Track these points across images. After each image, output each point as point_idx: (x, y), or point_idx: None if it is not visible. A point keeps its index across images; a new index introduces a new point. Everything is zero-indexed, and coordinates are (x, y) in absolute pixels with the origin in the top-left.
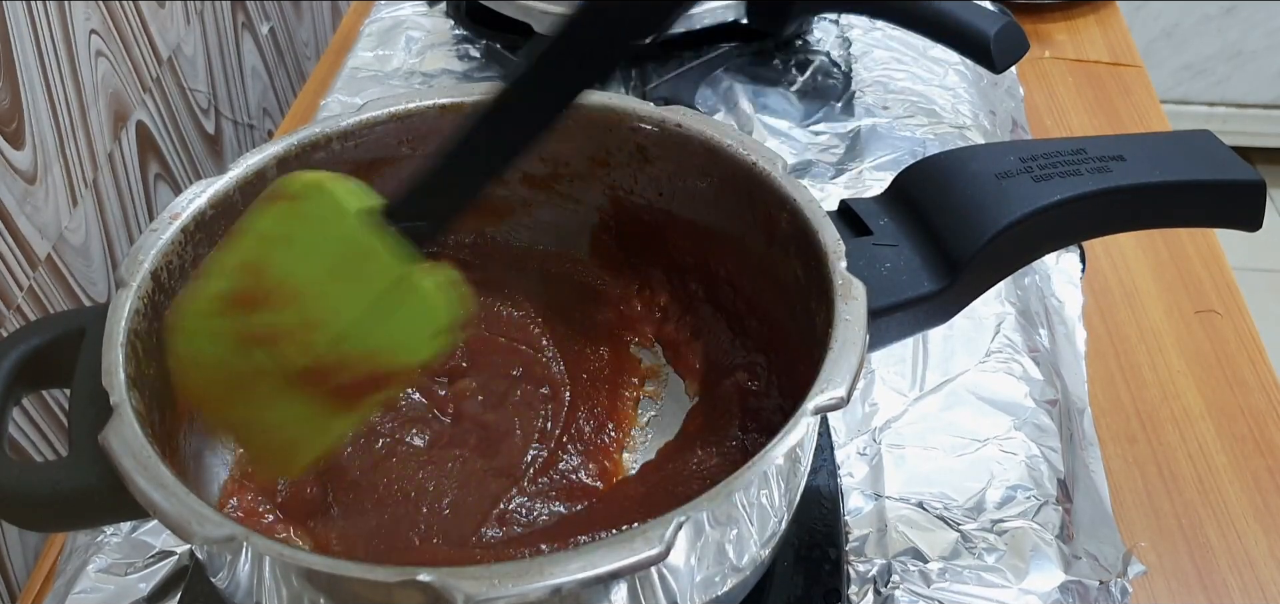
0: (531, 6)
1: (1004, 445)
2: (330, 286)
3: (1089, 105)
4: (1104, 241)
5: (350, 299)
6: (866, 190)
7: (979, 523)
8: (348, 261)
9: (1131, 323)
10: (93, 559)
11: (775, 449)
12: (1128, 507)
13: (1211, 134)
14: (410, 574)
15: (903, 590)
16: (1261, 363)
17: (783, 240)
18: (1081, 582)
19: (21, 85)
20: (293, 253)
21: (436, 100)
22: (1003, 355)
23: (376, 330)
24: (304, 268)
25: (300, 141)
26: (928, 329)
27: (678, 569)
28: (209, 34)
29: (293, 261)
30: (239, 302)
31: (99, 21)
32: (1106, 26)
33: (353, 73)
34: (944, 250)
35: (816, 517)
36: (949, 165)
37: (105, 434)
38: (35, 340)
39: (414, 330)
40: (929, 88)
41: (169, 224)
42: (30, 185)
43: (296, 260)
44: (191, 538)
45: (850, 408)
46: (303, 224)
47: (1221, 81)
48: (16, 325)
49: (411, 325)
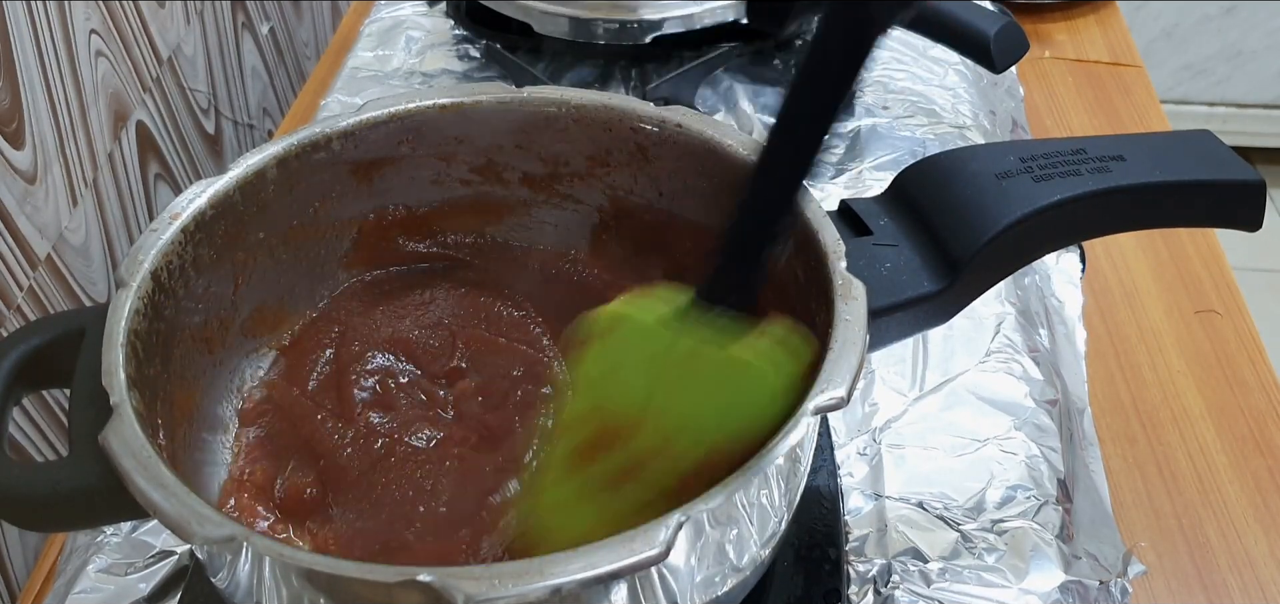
0: (531, 6)
1: (1004, 445)
2: (668, 397)
3: (1089, 105)
4: (1104, 241)
5: (690, 399)
6: (866, 190)
7: (979, 523)
8: (674, 369)
9: (1131, 323)
10: (93, 559)
11: (775, 449)
12: (1128, 507)
13: (1211, 134)
14: (410, 574)
15: (903, 590)
16: (1261, 363)
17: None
18: (1081, 582)
19: (21, 85)
20: (622, 382)
21: (436, 100)
22: (1003, 355)
23: (723, 415)
24: (639, 391)
25: (300, 142)
26: (928, 329)
27: (678, 569)
28: (209, 34)
29: (626, 390)
30: (591, 451)
31: (99, 21)
32: (1106, 26)
33: (353, 73)
34: (944, 250)
35: (816, 517)
36: (949, 165)
37: (105, 434)
38: (35, 340)
39: (755, 400)
40: (929, 88)
41: (169, 224)
42: (30, 185)
43: (629, 388)
44: (191, 538)
45: (850, 408)
46: (620, 352)
47: (1221, 81)
48: (16, 325)
49: (752, 397)
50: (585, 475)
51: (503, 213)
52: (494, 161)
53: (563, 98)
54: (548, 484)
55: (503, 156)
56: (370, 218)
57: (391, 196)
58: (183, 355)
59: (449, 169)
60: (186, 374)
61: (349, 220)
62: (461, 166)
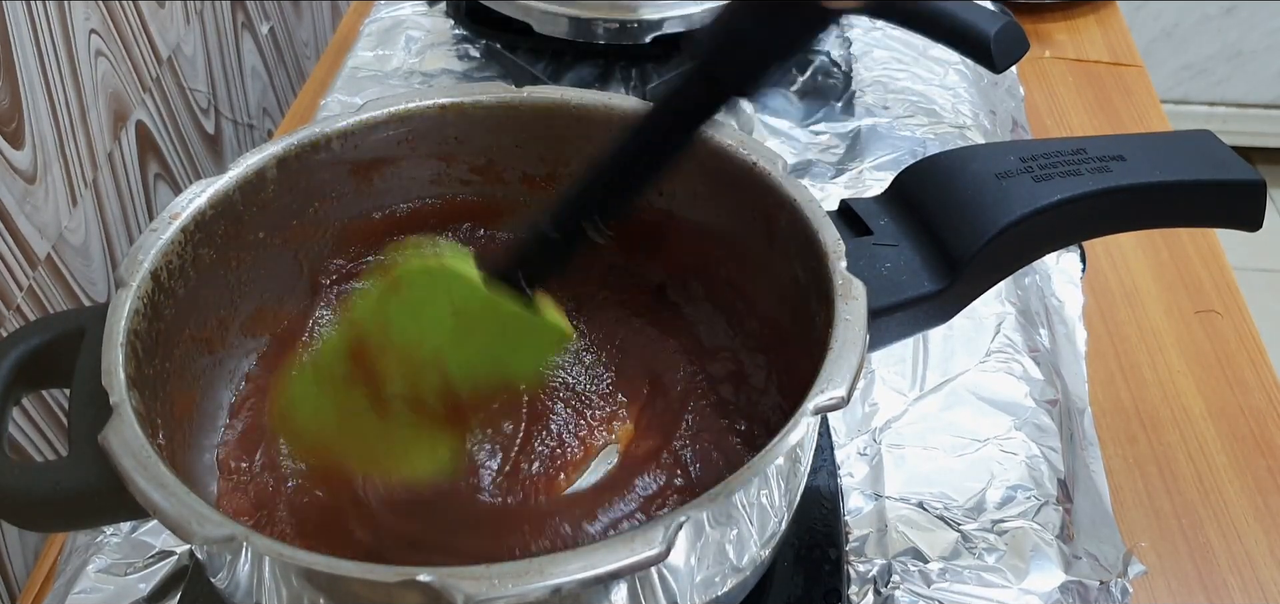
0: (531, 6)
1: (1004, 445)
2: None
3: (1089, 105)
4: (1104, 241)
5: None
6: (866, 190)
7: (979, 523)
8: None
9: (1132, 323)
10: (93, 559)
11: (775, 449)
12: (1128, 507)
13: (1211, 134)
14: (410, 574)
15: (903, 590)
16: (1262, 363)
17: (783, 240)
18: (1082, 582)
19: (21, 85)
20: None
21: (436, 100)
22: (1003, 355)
23: (494, 360)
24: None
25: (300, 142)
26: (928, 329)
27: (678, 569)
28: (209, 34)
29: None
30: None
31: (99, 21)
32: (1106, 26)
33: (353, 73)
34: (944, 250)
35: (816, 517)
36: (949, 165)
37: (105, 434)
38: (35, 340)
39: (529, 352)
40: (929, 87)
41: (169, 224)
42: (30, 185)
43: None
44: (191, 538)
45: (850, 408)
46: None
47: (1221, 81)
48: (16, 325)
49: (527, 349)
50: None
51: (503, 213)
52: (494, 161)
53: (563, 98)
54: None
55: (503, 156)
56: (370, 218)
57: (391, 196)
58: (182, 355)
59: (449, 169)
60: (186, 374)
61: (349, 220)
62: (461, 166)
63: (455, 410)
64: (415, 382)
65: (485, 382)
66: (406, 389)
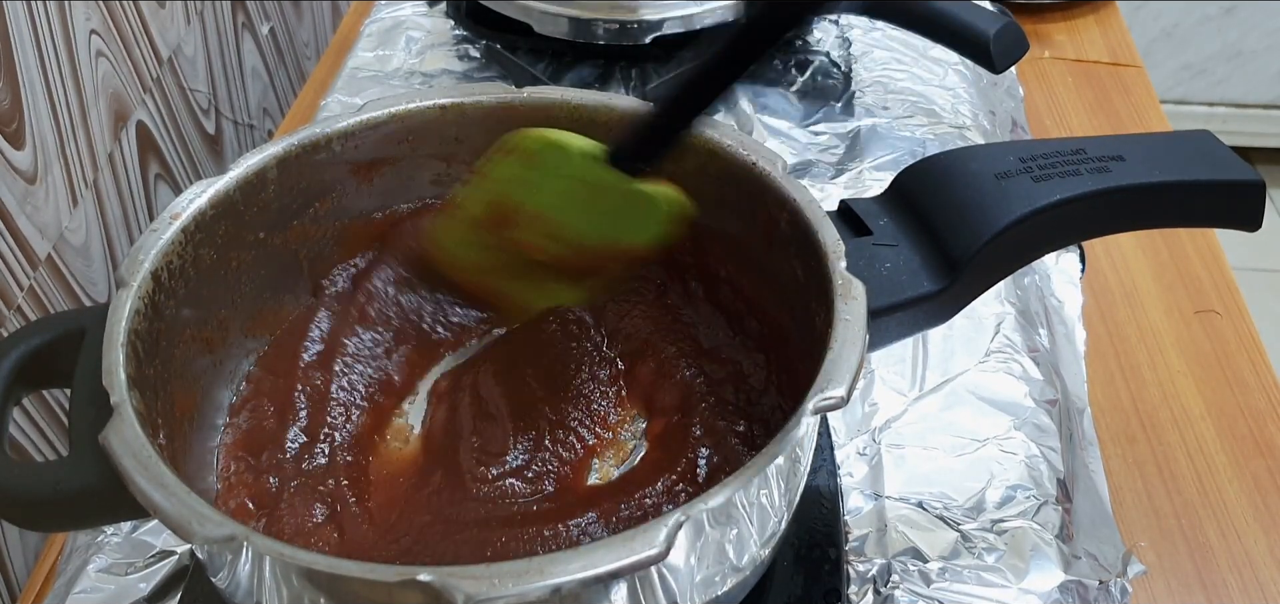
0: (531, 6)
1: (1004, 445)
2: (570, 208)
3: (1089, 105)
4: (1104, 241)
5: (589, 214)
6: (866, 190)
7: (979, 523)
8: (590, 186)
9: (1131, 323)
10: (93, 559)
11: (775, 449)
12: (1127, 507)
13: (1211, 134)
14: (410, 574)
15: (903, 590)
16: (1261, 363)
17: (783, 240)
18: (1081, 582)
19: (22, 85)
20: (533, 190)
21: (436, 100)
22: (1002, 355)
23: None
24: (545, 198)
25: (300, 141)
26: (927, 329)
27: (678, 569)
28: (209, 34)
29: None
30: (490, 223)
31: (99, 22)
32: (1106, 27)
33: (353, 73)
34: (944, 250)
35: (816, 516)
36: (949, 165)
37: (105, 434)
38: (35, 340)
39: (644, 223)
40: (929, 88)
41: (169, 224)
42: (30, 185)
43: (539, 190)
44: (192, 538)
45: (850, 408)
46: (540, 171)
47: (1221, 82)
48: (16, 325)
49: (642, 221)
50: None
51: None
52: None
53: (563, 98)
54: (441, 234)
55: None
56: (370, 218)
57: (392, 196)
58: (183, 355)
59: (449, 169)
60: (186, 374)
61: (349, 220)
62: (461, 167)
63: (581, 268)
64: (548, 243)
65: (610, 246)
66: (532, 238)
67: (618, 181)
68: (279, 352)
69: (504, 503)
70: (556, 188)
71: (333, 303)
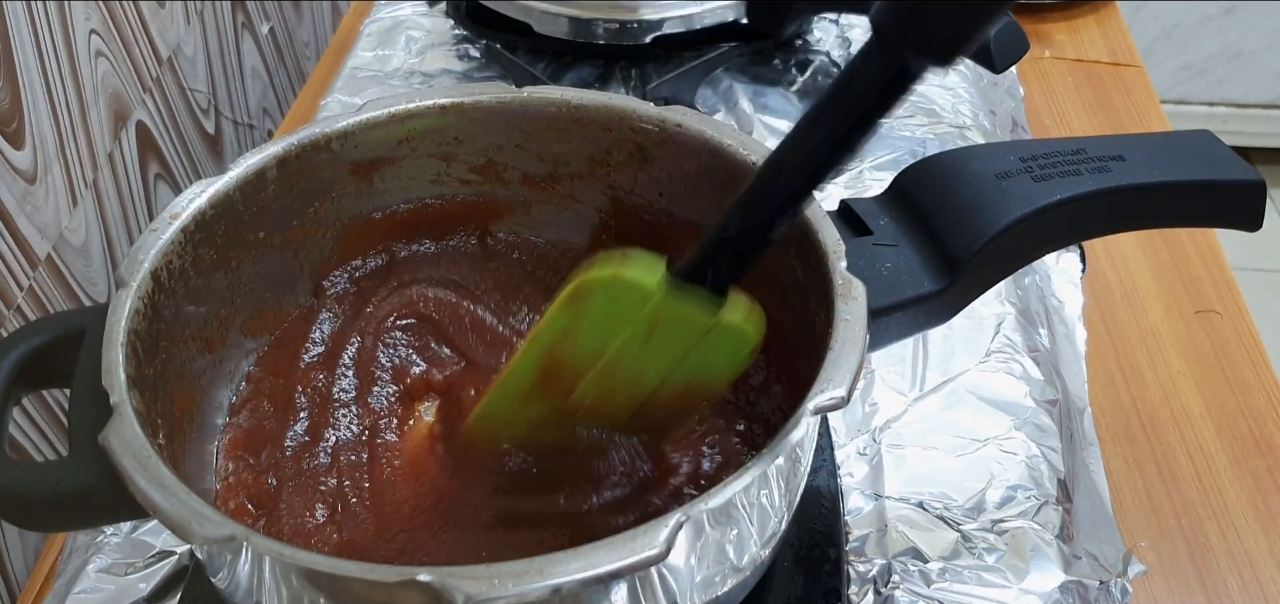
0: (531, 6)
1: (1004, 445)
2: (635, 350)
3: (1089, 105)
4: (1104, 241)
5: (664, 354)
6: (866, 190)
7: (979, 523)
8: (650, 327)
9: (1131, 323)
10: (93, 559)
11: (775, 449)
12: (1128, 507)
13: (1211, 134)
14: (410, 574)
15: (903, 590)
16: (1261, 363)
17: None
18: (1081, 582)
19: (21, 85)
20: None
21: (436, 100)
22: (1003, 355)
23: (682, 370)
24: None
25: (300, 142)
26: (928, 329)
27: (678, 569)
28: (209, 34)
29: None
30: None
31: (99, 21)
32: (1106, 26)
33: (353, 73)
34: (944, 250)
35: (816, 517)
36: (949, 165)
37: (105, 434)
38: (35, 340)
39: (726, 360)
40: (929, 87)
41: (169, 224)
42: (30, 185)
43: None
44: (191, 538)
45: (850, 408)
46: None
47: (1221, 81)
48: (16, 325)
49: (724, 357)
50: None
51: (503, 213)
52: (494, 161)
53: (563, 98)
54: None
55: (503, 156)
56: (370, 218)
57: (391, 196)
58: (183, 355)
59: (449, 169)
60: (186, 374)
61: (349, 220)
62: (461, 166)
63: (645, 423)
64: (604, 394)
65: (674, 386)
66: (595, 401)
67: (670, 310)
68: (279, 352)
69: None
70: (615, 328)
71: (333, 303)
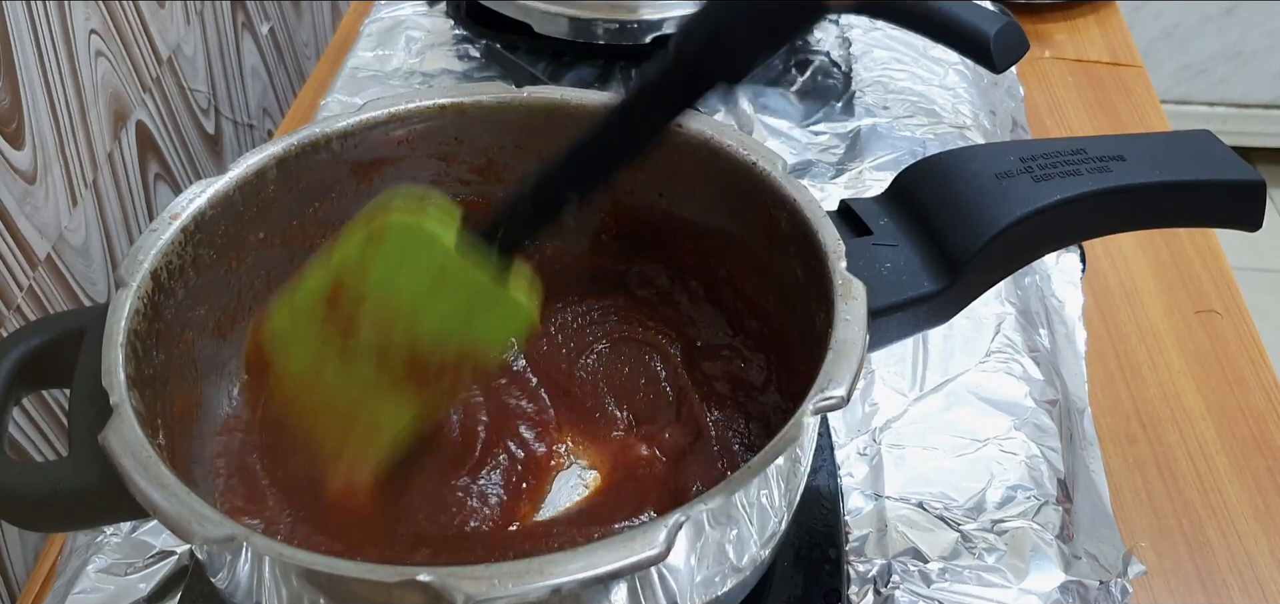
0: (531, 6)
1: (1004, 445)
2: (420, 299)
3: (1089, 105)
4: (1104, 242)
5: (437, 307)
6: (866, 190)
7: (979, 523)
8: (438, 280)
9: (1132, 323)
10: (93, 559)
11: (775, 449)
12: (1128, 507)
13: (1211, 134)
14: (410, 574)
15: (903, 591)
16: (1261, 363)
17: (783, 240)
18: (1082, 582)
19: (21, 85)
20: (381, 274)
21: (436, 100)
22: (1003, 355)
23: (460, 329)
24: (394, 283)
25: (300, 141)
26: (928, 329)
27: (678, 569)
28: (209, 34)
29: (384, 280)
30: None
31: (99, 21)
32: (1106, 26)
33: (353, 73)
34: (944, 250)
35: (816, 517)
36: (949, 165)
37: (105, 434)
38: (35, 340)
39: (495, 328)
40: (929, 88)
41: (169, 224)
42: (30, 185)
43: (387, 279)
44: (191, 538)
45: (850, 408)
46: (392, 253)
47: (1221, 81)
48: (16, 325)
49: (493, 324)
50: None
51: None
52: (494, 161)
53: (563, 98)
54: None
55: (503, 156)
56: None
57: None
58: (183, 355)
59: (449, 169)
60: (186, 374)
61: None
62: (461, 166)
63: (419, 374)
64: (384, 335)
65: (448, 348)
66: (375, 341)
67: (461, 270)
68: None
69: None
70: (407, 273)
71: None
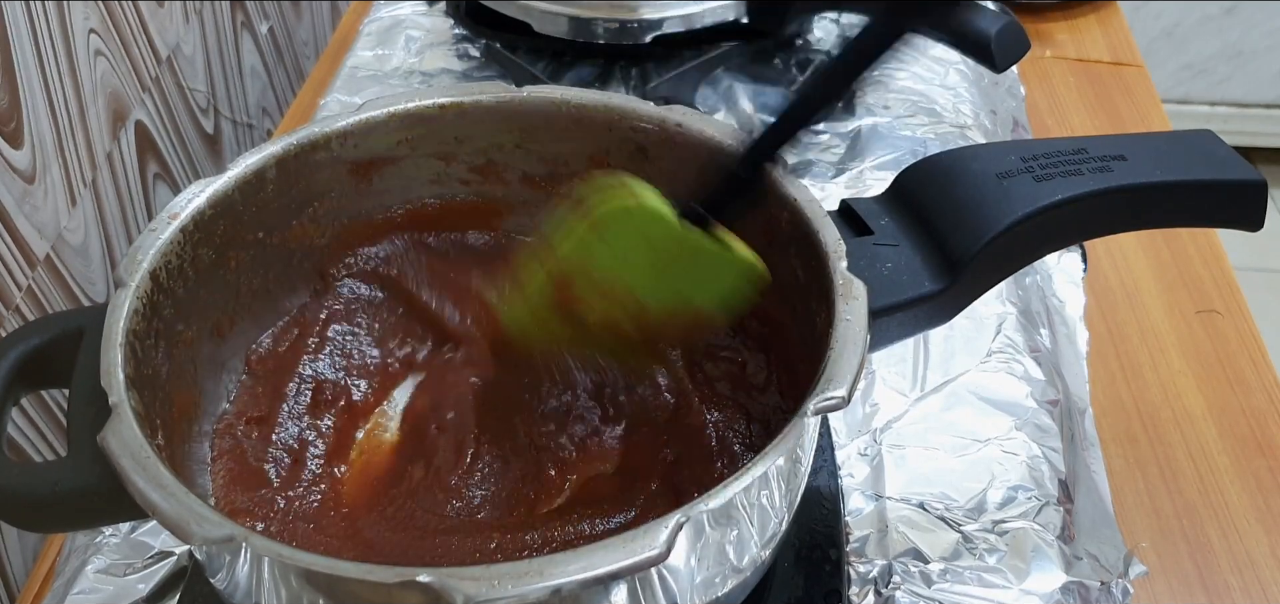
0: (531, 6)
1: (1005, 446)
2: (653, 274)
3: (1090, 105)
4: (1105, 241)
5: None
6: (867, 190)
7: (980, 523)
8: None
9: (1133, 323)
10: (92, 559)
11: (775, 449)
12: (1129, 507)
13: (1213, 134)
14: (410, 574)
15: (903, 591)
16: (1262, 363)
17: (783, 240)
18: (1082, 582)
19: (20, 85)
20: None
21: (436, 99)
22: (1004, 355)
23: (697, 295)
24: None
25: (299, 141)
26: (928, 329)
27: (678, 570)
28: (208, 33)
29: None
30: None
31: (98, 21)
32: (1107, 26)
33: (352, 72)
34: (945, 250)
35: (817, 517)
36: (950, 165)
37: (104, 434)
38: (34, 340)
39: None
40: (930, 87)
41: (168, 224)
42: (29, 185)
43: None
44: (190, 538)
45: (851, 408)
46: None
47: (1222, 81)
48: (16, 325)
49: (728, 289)
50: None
51: (503, 213)
52: (494, 161)
53: (563, 98)
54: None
55: (503, 156)
56: (370, 218)
57: (391, 196)
58: (181, 355)
59: (449, 169)
60: (186, 373)
61: (349, 220)
62: (461, 166)
63: (652, 336)
64: (615, 313)
65: (680, 313)
66: (606, 318)
67: (689, 240)
68: (278, 351)
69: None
70: (632, 253)
71: (332, 303)
